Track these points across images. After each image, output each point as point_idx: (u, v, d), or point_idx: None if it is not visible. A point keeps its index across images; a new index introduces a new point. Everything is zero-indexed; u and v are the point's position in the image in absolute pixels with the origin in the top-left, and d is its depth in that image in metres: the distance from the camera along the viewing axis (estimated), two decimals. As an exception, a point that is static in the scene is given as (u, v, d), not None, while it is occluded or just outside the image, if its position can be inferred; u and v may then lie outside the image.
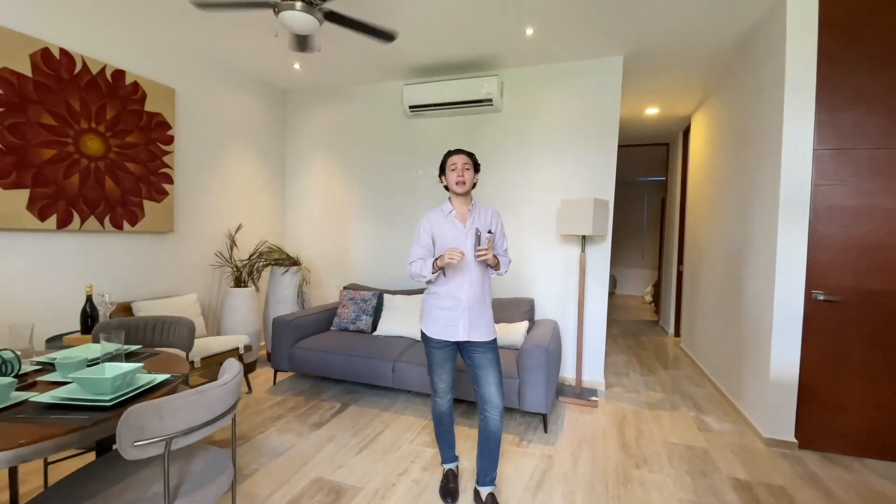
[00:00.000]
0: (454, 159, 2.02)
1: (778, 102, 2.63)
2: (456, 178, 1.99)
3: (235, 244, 3.98)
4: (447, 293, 2.00)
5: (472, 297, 1.99)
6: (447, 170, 2.03)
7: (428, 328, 2.04)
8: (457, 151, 2.03)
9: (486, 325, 2.02)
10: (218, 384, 1.26)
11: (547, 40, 3.21)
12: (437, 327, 2.01)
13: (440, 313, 2.00)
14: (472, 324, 1.98)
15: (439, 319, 2.00)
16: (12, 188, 2.44)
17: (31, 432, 1.10)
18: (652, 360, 4.52)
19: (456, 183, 1.99)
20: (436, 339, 2.01)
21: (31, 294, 2.58)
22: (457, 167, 1.99)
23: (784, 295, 2.58)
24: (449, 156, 2.05)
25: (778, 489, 2.18)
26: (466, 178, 1.99)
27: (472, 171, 2.03)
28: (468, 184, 2.00)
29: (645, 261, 9.92)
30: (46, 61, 2.57)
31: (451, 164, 2.01)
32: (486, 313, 2.04)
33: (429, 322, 2.04)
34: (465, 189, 2.00)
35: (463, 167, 1.99)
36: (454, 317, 1.98)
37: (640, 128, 5.48)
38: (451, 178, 2.01)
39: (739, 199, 3.26)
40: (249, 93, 4.14)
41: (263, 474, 2.21)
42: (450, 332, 1.99)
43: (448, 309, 1.99)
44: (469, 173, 2.01)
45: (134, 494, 1.26)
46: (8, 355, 1.41)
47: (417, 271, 2.00)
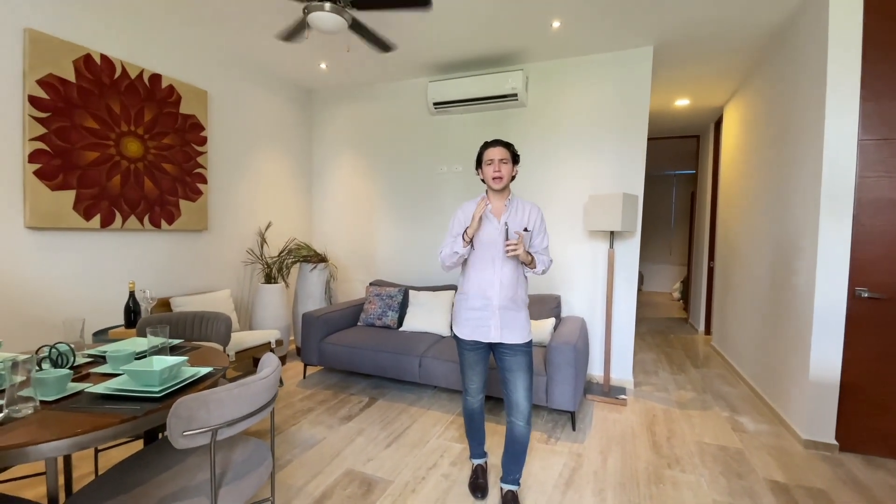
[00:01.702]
0: (490, 152, 1.89)
1: (819, 90, 2.52)
2: (493, 173, 1.87)
3: (266, 241, 4.08)
4: (477, 293, 1.92)
5: (504, 297, 1.90)
6: (483, 163, 1.92)
7: (459, 329, 1.99)
8: (493, 143, 1.91)
9: (519, 327, 1.92)
10: (259, 377, 1.30)
11: (574, 32, 3.17)
12: (467, 328, 1.95)
13: (470, 314, 1.94)
14: (505, 325, 1.90)
15: (469, 320, 1.94)
16: (59, 189, 2.57)
17: (87, 421, 1.16)
18: (682, 359, 4.42)
19: (493, 178, 1.88)
20: (467, 341, 1.96)
21: (78, 290, 2.72)
22: (493, 161, 1.87)
23: (826, 292, 2.49)
24: (485, 148, 1.93)
25: (818, 492, 2.11)
26: (504, 172, 1.87)
27: (511, 164, 1.90)
28: (505, 178, 1.89)
29: (673, 257, 9.69)
30: (89, 67, 2.68)
31: (488, 158, 1.90)
32: (520, 314, 1.94)
33: (460, 323, 1.99)
34: (502, 184, 1.89)
35: (500, 161, 1.87)
36: (485, 317, 1.91)
37: (669, 120, 5.34)
38: (487, 172, 1.90)
39: (777, 193, 3.14)
40: (277, 93, 4.23)
41: (297, 465, 2.27)
42: (481, 333, 1.92)
43: (478, 309, 1.92)
44: (507, 167, 1.89)
45: (181, 482, 1.32)
46: (63, 348, 1.50)
47: (447, 251, 1.92)
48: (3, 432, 1.08)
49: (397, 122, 4.28)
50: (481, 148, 1.94)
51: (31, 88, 2.42)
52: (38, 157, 2.46)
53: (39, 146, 2.46)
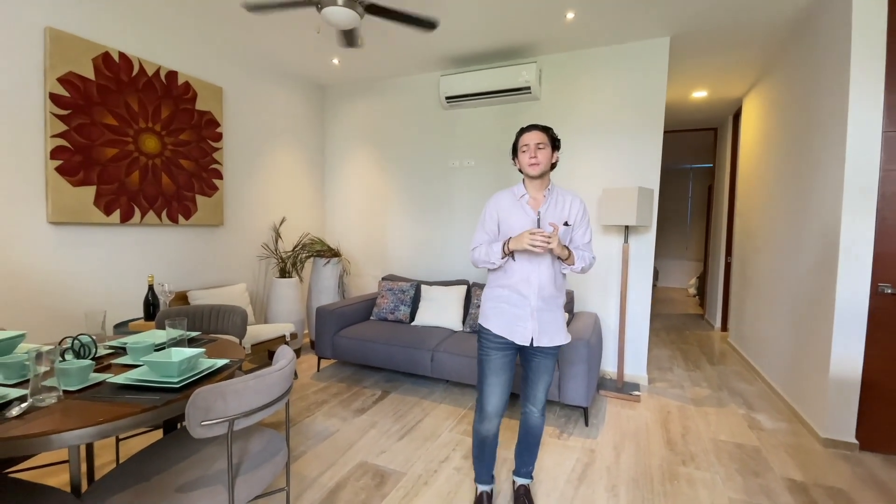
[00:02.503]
0: (526, 138, 1.75)
1: (842, 81, 2.45)
2: (529, 160, 1.72)
3: (280, 236, 4.13)
4: (512, 290, 1.75)
5: (542, 297, 1.74)
6: (518, 151, 1.78)
7: (490, 322, 1.78)
8: (529, 128, 1.76)
9: (556, 328, 1.78)
10: (275, 369, 1.32)
11: (588, 24, 3.12)
12: (501, 322, 1.76)
13: (506, 307, 1.76)
14: (542, 328, 1.74)
15: (505, 314, 1.76)
16: (81, 185, 2.63)
17: (109, 411, 1.19)
18: (697, 355, 4.36)
19: (529, 165, 1.73)
20: (496, 337, 1.76)
21: (99, 283, 2.78)
22: (529, 147, 1.73)
23: (847, 288, 2.42)
24: (521, 134, 1.78)
25: (837, 492, 2.07)
26: (541, 158, 1.71)
27: (549, 150, 1.74)
28: (543, 165, 1.72)
29: (689, 252, 9.54)
30: (107, 65, 2.73)
31: (523, 144, 1.75)
32: (558, 315, 1.80)
33: (492, 316, 1.79)
34: (539, 171, 1.72)
35: (536, 147, 1.72)
36: (521, 315, 1.74)
37: (686, 112, 5.24)
38: (523, 160, 1.75)
39: (798, 187, 3.07)
40: (290, 89, 4.25)
41: (311, 456, 2.31)
42: (516, 332, 1.74)
43: (515, 306, 1.75)
44: (544, 153, 1.72)
45: (199, 471, 1.35)
46: (86, 339, 1.54)
47: (483, 257, 1.76)
48: (28, 421, 1.12)
49: (409, 116, 4.28)
50: (517, 135, 1.81)
51: (52, 86, 2.47)
52: (60, 153, 2.52)
53: (61, 143, 2.52)
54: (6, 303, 2.36)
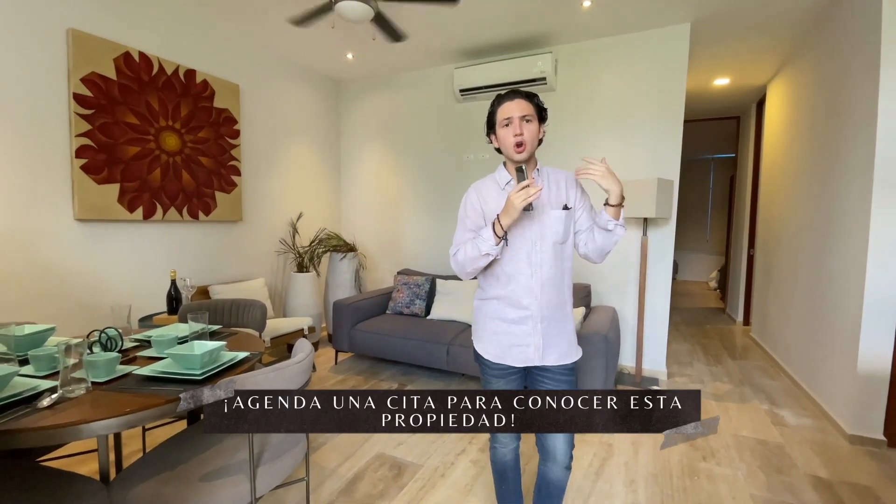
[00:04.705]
0: (507, 108, 1.33)
1: (872, 66, 2.35)
2: (514, 138, 1.32)
3: (297, 231, 4.18)
4: (509, 301, 1.40)
5: (546, 304, 1.38)
6: (498, 126, 1.37)
7: (484, 347, 1.45)
8: (510, 94, 1.34)
9: (565, 342, 1.43)
10: (294, 362, 1.34)
11: (606, 11, 3.05)
12: (497, 347, 1.42)
13: (499, 327, 1.42)
14: (549, 343, 1.39)
15: (498, 335, 1.42)
16: (105, 183, 2.70)
17: (135, 402, 1.23)
18: (718, 350, 4.28)
19: (515, 145, 1.33)
20: (496, 364, 1.43)
21: (124, 278, 2.86)
22: (512, 121, 1.32)
23: (876, 280, 2.34)
24: (499, 103, 1.36)
25: (863, 489, 2.02)
26: (527, 136, 1.32)
27: (536, 123, 1.35)
28: (530, 145, 1.33)
29: (710, 244, 9.34)
30: (128, 64, 2.79)
31: (504, 117, 1.34)
32: (566, 325, 1.44)
33: (485, 339, 1.46)
34: (526, 155, 1.34)
35: (521, 120, 1.32)
36: (523, 333, 1.39)
37: (707, 101, 5.10)
38: (505, 138, 1.35)
39: (825, 177, 2.96)
40: (305, 85, 4.28)
41: (330, 447, 2.34)
42: (516, 356, 1.40)
43: (512, 322, 1.40)
44: (530, 127, 1.33)
45: (222, 461, 1.38)
46: (112, 332, 1.58)
47: (470, 254, 1.34)
48: (59, 411, 1.16)
49: (423, 110, 4.27)
50: (493, 103, 1.39)
51: (75, 86, 2.53)
52: (84, 152, 2.59)
53: (85, 142, 2.59)
54: (36, 297, 2.45)
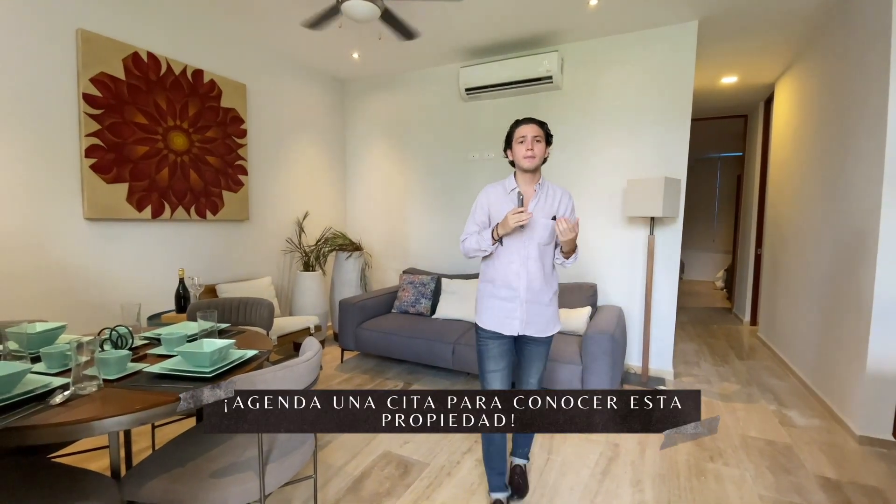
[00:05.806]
0: (523, 130, 1.76)
1: (882, 62, 2.32)
2: (525, 153, 1.74)
3: (304, 231, 4.20)
4: (502, 282, 1.80)
5: (532, 289, 1.78)
6: (514, 142, 1.79)
7: (482, 319, 1.85)
8: (526, 121, 1.78)
9: (545, 321, 1.83)
10: (302, 360, 1.35)
11: (613, 9, 3.04)
12: (492, 318, 1.82)
13: (495, 303, 1.82)
14: (531, 320, 1.79)
15: (494, 309, 1.82)
16: (114, 182, 2.72)
17: (145, 399, 1.24)
18: (725, 350, 4.26)
19: (525, 157, 1.74)
20: (492, 332, 1.83)
21: (133, 276, 2.89)
22: (526, 139, 1.73)
23: (887, 279, 2.32)
24: (517, 126, 1.79)
25: (872, 490, 2.00)
26: (537, 151, 1.74)
27: (544, 144, 1.78)
28: (538, 158, 1.75)
29: (716, 244, 9.28)
30: (137, 64, 2.81)
31: (520, 136, 1.76)
32: (548, 308, 1.84)
33: (483, 312, 1.86)
34: (534, 164, 1.75)
35: (533, 139, 1.73)
36: (511, 308, 1.79)
37: (714, 99, 5.07)
38: (518, 151, 1.76)
39: (835, 176, 2.94)
40: (312, 85, 4.30)
41: (337, 445, 2.35)
42: (505, 325, 1.80)
43: (503, 299, 1.80)
44: (540, 146, 1.75)
45: (231, 458, 1.39)
46: (123, 330, 1.60)
47: (473, 246, 1.80)
48: (70, 408, 1.17)
49: (429, 109, 4.27)
50: (512, 126, 1.82)
51: (84, 86, 2.55)
52: (94, 151, 2.61)
53: (94, 142, 2.61)
54: (47, 295, 2.48)
